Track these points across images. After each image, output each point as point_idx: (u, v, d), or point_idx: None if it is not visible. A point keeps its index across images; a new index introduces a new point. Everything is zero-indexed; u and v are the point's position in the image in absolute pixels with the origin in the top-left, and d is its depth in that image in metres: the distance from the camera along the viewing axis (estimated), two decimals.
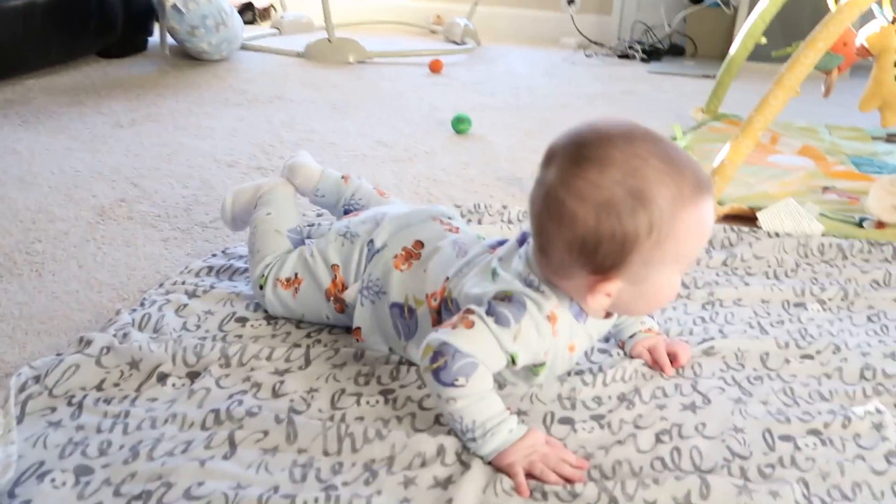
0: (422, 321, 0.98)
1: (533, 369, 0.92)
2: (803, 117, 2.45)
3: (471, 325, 0.84)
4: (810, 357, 1.07)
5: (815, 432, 0.91)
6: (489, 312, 0.85)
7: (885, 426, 0.92)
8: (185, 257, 1.31)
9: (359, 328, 1.03)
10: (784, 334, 1.14)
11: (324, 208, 1.28)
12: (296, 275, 1.08)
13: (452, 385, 0.82)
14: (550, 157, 0.83)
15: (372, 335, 1.03)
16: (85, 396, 0.91)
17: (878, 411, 0.94)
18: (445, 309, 0.95)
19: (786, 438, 0.90)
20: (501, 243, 0.98)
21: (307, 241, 1.16)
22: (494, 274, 0.91)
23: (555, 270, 0.86)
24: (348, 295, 1.05)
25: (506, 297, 0.87)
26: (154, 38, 3.14)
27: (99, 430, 0.85)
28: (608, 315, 0.94)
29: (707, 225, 0.83)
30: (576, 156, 0.80)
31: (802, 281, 1.32)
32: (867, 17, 1.58)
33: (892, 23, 1.55)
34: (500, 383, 0.95)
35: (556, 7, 4.09)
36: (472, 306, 0.86)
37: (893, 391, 0.99)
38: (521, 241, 0.94)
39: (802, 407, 0.96)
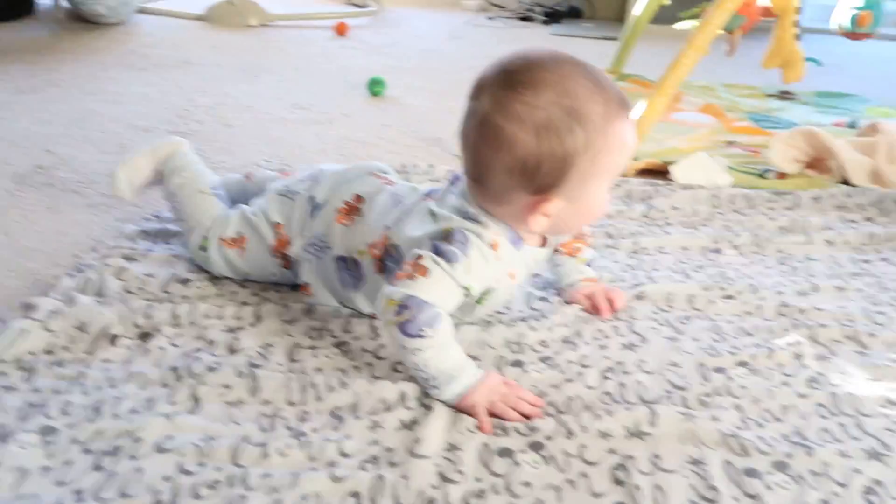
0: (367, 271, 0.99)
1: (479, 299, 0.95)
2: (701, 76, 2.55)
3: (425, 271, 0.86)
4: (731, 297, 1.15)
5: (743, 364, 0.98)
6: (437, 252, 0.87)
7: (804, 356, 1.00)
8: (116, 222, 1.28)
9: (307, 284, 1.05)
10: (706, 278, 1.21)
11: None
12: (240, 234, 1.08)
13: (419, 336, 0.84)
14: (480, 88, 0.87)
15: (320, 289, 1.05)
16: (36, 361, 0.90)
17: (798, 342, 1.02)
18: (388, 256, 0.97)
19: (718, 370, 0.96)
20: (435, 191, 1.01)
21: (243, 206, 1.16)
22: (433, 214, 0.94)
23: (493, 197, 0.90)
24: (292, 251, 1.05)
25: (447, 235, 0.89)
26: (43, 1, 3.01)
27: (56, 392, 0.84)
28: (543, 243, 0.99)
29: (631, 138, 0.89)
30: (508, 81, 0.84)
31: (716, 229, 1.40)
32: None
33: None
34: None
35: None
36: (420, 251, 0.88)
37: (808, 324, 1.08)
38: (453, 181, 0.98)
39: (730, 342, 1.04)
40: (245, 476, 0.74)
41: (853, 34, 1.65)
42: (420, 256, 0.87)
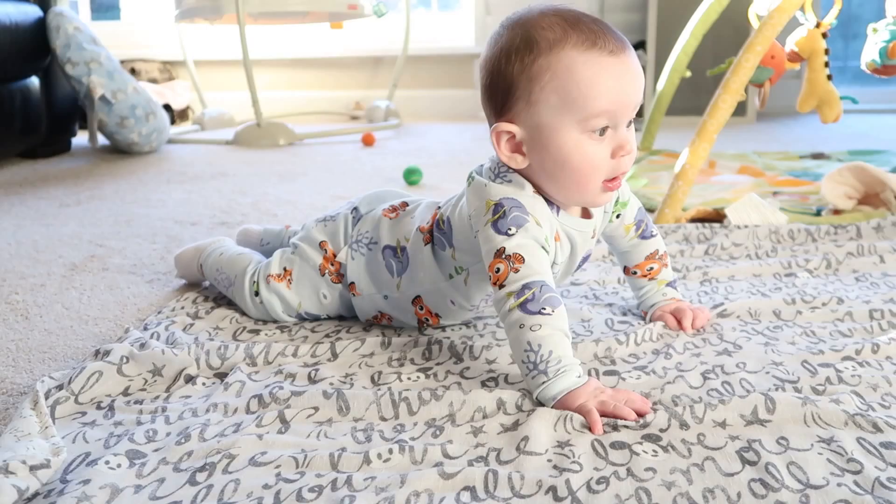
0: (412, 253, 1.01)
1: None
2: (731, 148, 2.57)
3: (520, 258, 0.85)
4: (818, 308, 1.10)
5: (849, 358, 0.93)
6: (505, 231, 0.87)
7: None
8: (176, 293, 1.26)
9: (353, 283, 1.06)
10: (786, 295, 1.17)
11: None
12: (284, 269, 1.09)
13: (540, 313, 0.82)
14: None
15: (366, 286, 1.05)
16: (113, 401, 0.86)
17: None
18: (438, 229, 0.98)
19: (824, 365, 0.91)
20: None
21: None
22: (469, 177, 0.95)
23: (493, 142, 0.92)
24: (341, 257, 1.07)
25: (497, 212, 0.88)
26: (77, 140, 3.10)
27: (139, 423, 0.80)
28: (585, 214, 0.97)
29: (607, 80, 0.83)
30: (505, 22, 0.90)
31: (785, 258, 1.36)
32: (793, 25, 1.70)
33: (817, 27, 1.66)
34: None
35: (470, 85, 4.24)
36: (497, 245, 0.86)
37: None
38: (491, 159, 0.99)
39: (829, 343, 0.99)
40: (349, 479, 0.69)
41: (885, 68, 1.64)
42: (501, 249, 0.86)
